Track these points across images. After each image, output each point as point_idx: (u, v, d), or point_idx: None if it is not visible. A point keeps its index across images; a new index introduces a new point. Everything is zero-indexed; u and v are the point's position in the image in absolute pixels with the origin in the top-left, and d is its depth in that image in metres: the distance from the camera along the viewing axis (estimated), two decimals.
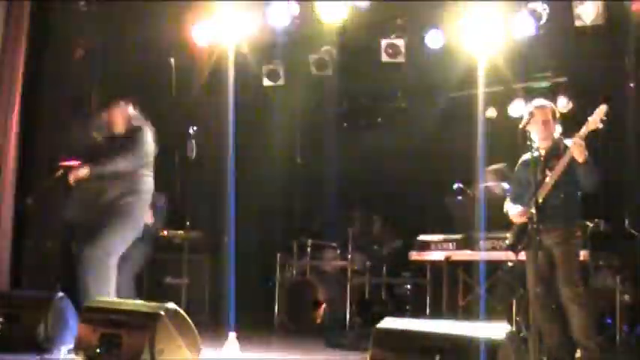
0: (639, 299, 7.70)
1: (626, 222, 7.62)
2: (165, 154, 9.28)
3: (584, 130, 5.37)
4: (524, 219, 5.61)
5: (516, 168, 5.99)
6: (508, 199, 5.96)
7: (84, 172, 6.11)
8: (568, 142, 5.52)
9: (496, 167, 7.73)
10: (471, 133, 8.67)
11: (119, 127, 6.41)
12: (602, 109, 5.38)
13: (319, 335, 8.17)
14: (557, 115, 5.79)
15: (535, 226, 4.96)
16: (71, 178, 6.13)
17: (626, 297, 7.60)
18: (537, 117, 5.58)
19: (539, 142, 5.68)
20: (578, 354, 5.44)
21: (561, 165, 5.45)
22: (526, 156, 5.71)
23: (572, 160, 5.38)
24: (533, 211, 5.04)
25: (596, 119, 5.36)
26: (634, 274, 7.76)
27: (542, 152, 5.68)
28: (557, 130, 5.79)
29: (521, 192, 5.78)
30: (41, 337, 6.00)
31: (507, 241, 5.85)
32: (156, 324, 4.78)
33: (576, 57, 8.65)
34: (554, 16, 8.11)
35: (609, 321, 7.45)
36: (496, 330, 3.98)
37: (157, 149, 6.64)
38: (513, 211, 5.78)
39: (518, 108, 9.32)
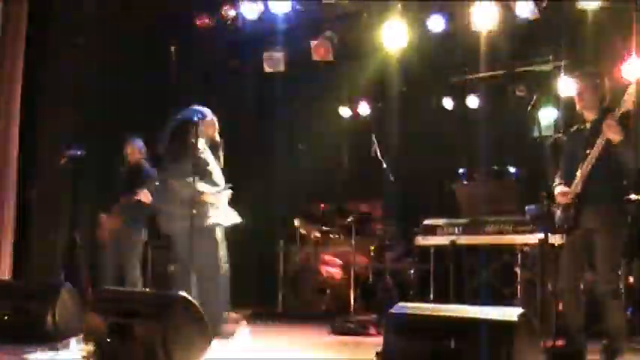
0: None
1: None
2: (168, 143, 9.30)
3: (617, 111, 5.13)
4: (567, 199, 5.37)
5: (565, 139, 5.68)
6: (558, 175, 5.60)
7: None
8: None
9: None
10: (473, 116, 8.69)
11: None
12: (633, 87, 5.14)
13: (324, 321, 8.18)
14: (604, 85, 5.42)
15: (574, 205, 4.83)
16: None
17: (631, 279, 7.62)
18: (578, 88, 5.43)
19: (583, 113, 5.47)
20: (604, 341, 5.37)
21: (598, 145, 5.20)
22: (575, 126, 5.54)
23: (610, 140, 5.14)
24: (577, 190, 4.95)
25: (628, 99, 5.11)
26: (638, 255, 7.77)
27: (588, 125, 5.44)
28: (605, 101, 5.39)
29: (570, 168, 5.46)
30: (49, 327, 6.01)
31: (556, 222, 5.52)
32: (168, 313, 4.77)
33: (578, 40, 8.62)
34: None
35: None
36: (509, 313, 3.98)
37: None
38: (556, 190, 5.48)
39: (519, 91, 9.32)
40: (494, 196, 7.11)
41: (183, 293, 4.96)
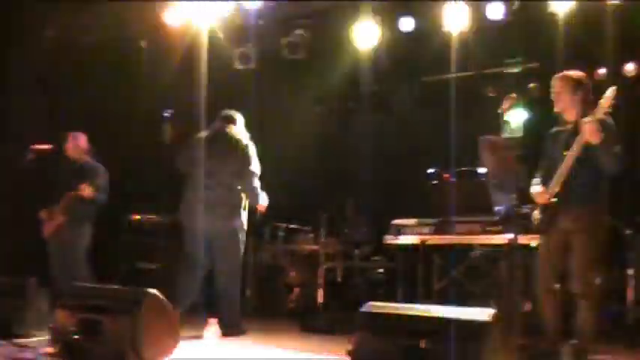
0: (609, 282, 7.81)
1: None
2: (139, 137, 9.27)
3: (595, 112, 5.17)
4: (545, 199, 5.42)
5: (545, 140, 5.73)
6: (536, 176, 5.66)
7: None
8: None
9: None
10: (444, 116, 8.72)
11: None
12: (612, 90, 5.20)
13: (292, 319, 8.18)
14: (583, 86, 5.47)
15: (553, 207, 4.86)
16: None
17: (598, 280, 7.70)
18: (556, 89, 5.48)
19: (564, 116, 5.52)
20: (573, 341, 5.42)
21: (576, 146, 5.25)
22: (555, 128, 5.58)
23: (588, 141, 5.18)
24: (554, 191, 4.97)
25: (606, 101, 5.17)
26: (604, 258, 7.87)
27: (569, 127, 5.49)
28: (585, 102, 5.42)
29: (549, 168, 5.52)
30: (16, 323, 5.94)
31: (534, 221, 5.59)
32: (138, 309, 4.73)
33: (548, 42, 8.69)
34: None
35: None
36: (481, 313, 4.00)
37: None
38: (533, 191, 5.55)
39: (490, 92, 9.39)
40: (464, 197, 7.13)
41: (153, 290, 4.93)
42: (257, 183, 6.90)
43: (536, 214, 5.54)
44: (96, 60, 9.19)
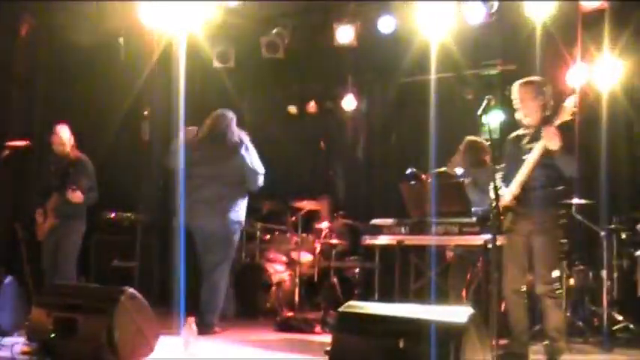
0: (583, 283, 7.87)
1: (573, 208, 7.76)
2: (117, 135, 9.21)
3: (556, 119, 5.30)
4: (505, 202, 5.50)
5: (506, 144, 5.86)
6: (498, 178, 5.70)
7: None
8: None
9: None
10: (423, 118, 8.75)
11: None
12: (573, 99, 5.31)
13: (269, 319, 8.18)
14: (544, 92, 5.59)
15: (514, 210, 4.91)
16: None
17: (571, 281, 7.77)
18: (519, 95, 5.58)
19: (524, 121, 5.62)
20: (545, 342, 5.47)
21: (537, 150, 5.36)
22: (515, 132, 5.65)
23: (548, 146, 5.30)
24: (513, 193, 5.01)
25: (567, 110, 5.29)
26: (579, 259, 7.94)
27: (531, 131, 5.59)
28: (546, 108, 5.56)
29: (510, 172, 5.63)
30: None
31: (490, 224, 5.71)
32: (114, 308, 4.72)
33: (526, 45, 8.74)
34: (506, 3, 8.22)
35: None
36: (459, 313, 4.02)
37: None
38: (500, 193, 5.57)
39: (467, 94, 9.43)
40: (441, 197, 7.15)
41: (130, 288, 4.90)
42: (261, 181, 7.01)
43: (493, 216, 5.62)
44: (74, 58, 9.12)
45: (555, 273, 5.55)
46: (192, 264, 7.01)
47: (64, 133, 7.45)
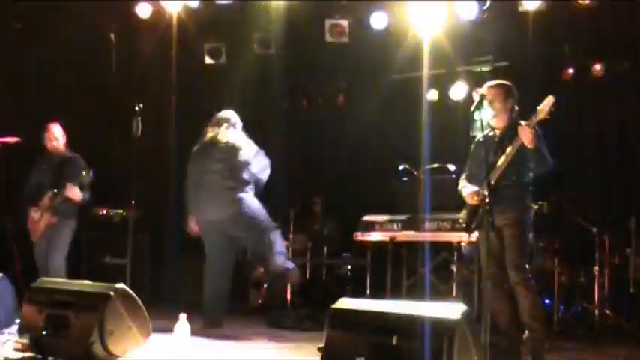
0: (575, 280, 7.90)
1: (564, 205, 7.79)
2: (108, 129, 9.19)
3: (533, 119, 5.32)
4: (476, 200, 5.58)
5: (472, 146, 5.93)
6: (463, 178, 5.86)
7: None
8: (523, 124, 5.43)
9: None
10: (415, 114, 8.76)
11: None
12: (550, 99, 5.31)
13: (260, 315, 8.16)
14: (513, 95, 5.66)
15: (487, 207, 4.94)
16: None
17: (563, 278, 7.80)
18: (488, 96, 5.56)
19: (491, 122, 5.67)
20: (525, 334, 5.50)
21: (512, 150, 5.42)
22: (481, 134, 5.68)
23: (523, 145, 5.35)
24: (485, 192, 5.04)
25: (544, 109, 5.30)
26: (571, 256, 7.96)
27: (497, 132, 5.67)
28: (514, 110, 5.65)
29: (477, 171, 5.71)
30: None
31: (460, 221, 5.85)
32: (105, 305, 4.69)
33: (518, 42, 8.75)
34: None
35: (547, 301, 7.63)
36: (452, 309, 4.00)
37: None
38: (466, 191, 5.73)
39: (459, 90, 9.42)
40: (433, 194, 7.16)
41: (121, 285, 4.88)
42: (265, 176, 7.11)
43: (463, 214, 5.78)
44: (66, 52, 9.09)
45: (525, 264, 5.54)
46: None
47: (57, 131, 7.40)
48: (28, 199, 7.36)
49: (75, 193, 7.08)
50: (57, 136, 7.39)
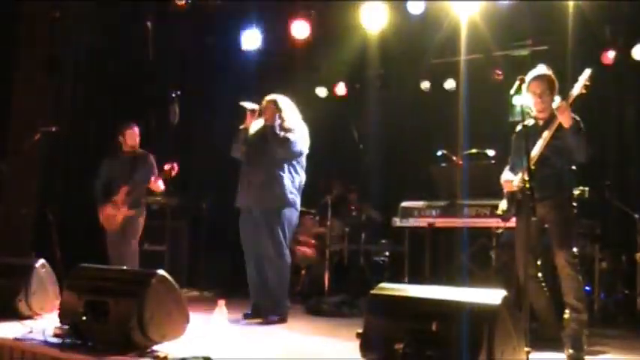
0: (616, 267, 7.79)
1: (606, 192, 7.68)
2: (148, 117, 9.22)
3: (571, 95, 5.27)
4: (516, 187, 5.52)
5: (513, 137, 5.86)
6: (507, 169, 5.81)
7: None
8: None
9: None
10: (453, 100, 8.68)
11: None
12: (587, 72, 5.29)
13: (298, 302, 8.16)
14: (556, 86, 5.57)
15: (528, 193, 4.86)
16: None
17: (604, 264, 7.69)
18: (532, 88, 5.50)
19: (536, 113, 5.60)
20: (566, 315, 5.42)
21: (550, 131, 5.36)
22: (520, 125, 5.60)
23: (561, 127, 5.28)
24: (526, 178, 4.97)
25: (581, 84, 5.27)
26: (612, 242, 7.85)
27: (540, 122, 5.58)
28: (556, 100, 5.50)
29: (519, 161, 5.63)
30: (22, 304, 5.93)
31: (499, 209, 5.77)
32: (145, 291, 4.70)
33: (557, 25, 8.62)
34: None
35: (587, 288, 7.53)
36: (492, 295, 3.96)
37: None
38: (506, 179, 5.68)
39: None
40: (472, 179, 7.11)
41: (161, 271, 4.89)
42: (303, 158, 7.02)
43: (504, 202, 5.71)
44: (104, 40, 9.15)
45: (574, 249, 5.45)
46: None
47: (137, 131, 7.67)
48: (102, 195, 7.55)
49: (158, 186, 7.41)
50: (132, 138, 7.65)
